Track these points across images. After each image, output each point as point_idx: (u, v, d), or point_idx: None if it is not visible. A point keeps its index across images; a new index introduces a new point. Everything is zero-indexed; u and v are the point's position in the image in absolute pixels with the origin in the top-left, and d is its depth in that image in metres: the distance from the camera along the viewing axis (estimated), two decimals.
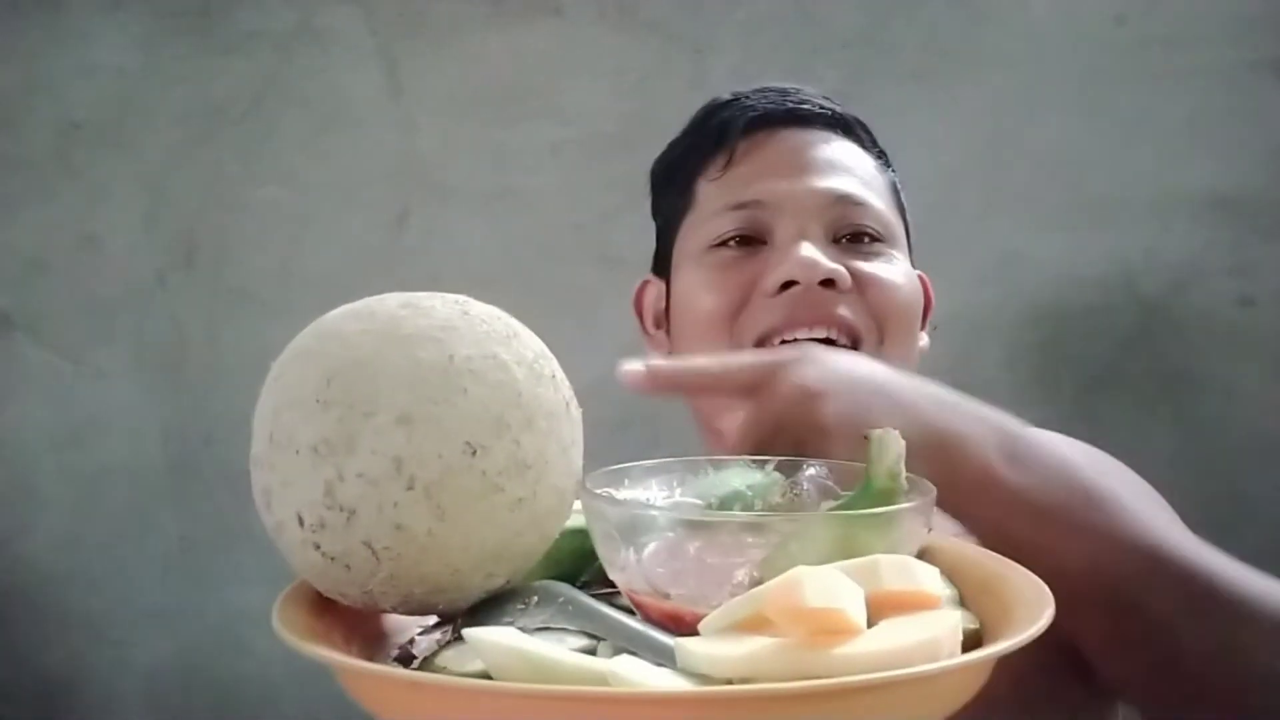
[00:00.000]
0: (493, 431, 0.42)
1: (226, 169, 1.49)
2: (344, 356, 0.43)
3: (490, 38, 1.47)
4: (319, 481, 0.42)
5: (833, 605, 0.35)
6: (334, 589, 0.45)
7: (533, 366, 0.45)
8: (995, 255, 1.39)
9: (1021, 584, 0.44)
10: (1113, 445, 0.76)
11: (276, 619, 0.43)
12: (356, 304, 0.47)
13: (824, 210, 0.74)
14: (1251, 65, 1.38)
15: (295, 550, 0.44)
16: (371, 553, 0.42)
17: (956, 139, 1.39)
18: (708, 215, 0.77)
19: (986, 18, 1.41)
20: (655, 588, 0.42)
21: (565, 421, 0.46)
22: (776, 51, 1.42)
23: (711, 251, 0.76)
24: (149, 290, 1.50)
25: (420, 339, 0.43)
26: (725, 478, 0.50)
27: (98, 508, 1.51)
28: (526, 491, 0.43)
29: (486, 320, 0.45)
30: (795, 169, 0.76)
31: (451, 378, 0.42)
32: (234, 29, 1.48)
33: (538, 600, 0.44)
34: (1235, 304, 1.40)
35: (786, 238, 0.74)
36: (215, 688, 1.50)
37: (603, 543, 0.45)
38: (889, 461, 0.46)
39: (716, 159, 0.79)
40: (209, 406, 1.49)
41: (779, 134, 0.78)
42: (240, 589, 1.48)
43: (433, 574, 0.43)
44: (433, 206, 1.48)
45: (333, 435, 0.42)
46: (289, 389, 0.44)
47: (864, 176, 0.78)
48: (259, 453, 0.44)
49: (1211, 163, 1.39)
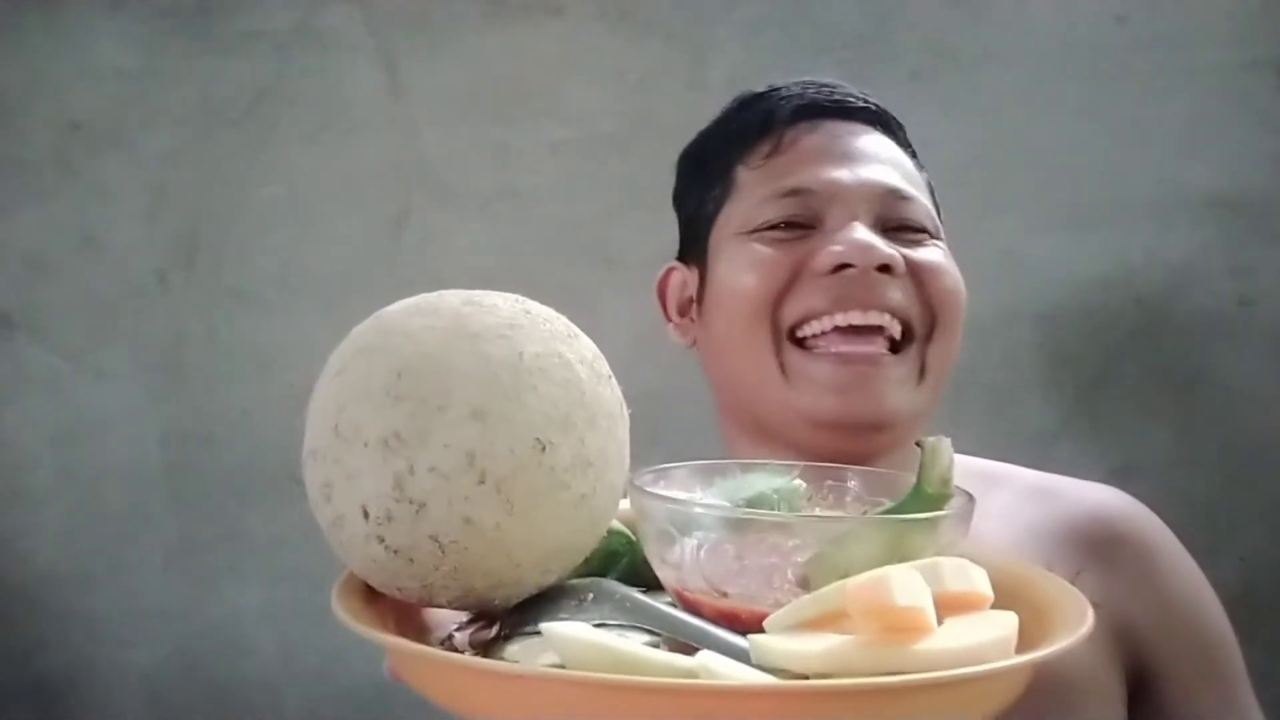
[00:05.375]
0: (561, 429, 0.43)
1: (226, 169, 1.49)
2: (413, 351, 0.43)
3: (490, 38, 1.47)
4: (388, 474, 0.42)
5: (917, 604, 0.37)
6: (391, 583, 0.44)
7: (593, 366, 0.46)
8: (995, 255, 1.39)
9: (1052, 590, 0.45)
10: (1113, 445, 0.76)
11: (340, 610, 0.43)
12: (415, 300, 0.47)
13: (874, 200, 0.74)
14: (1251, 65, 1.38)
15: (355, 544, 0.44)
16: (438, 546, 0.42)
17: (956, 139, 1.38)
18: (753, 202, 0.76)
19: (986, 18, 1.41)
20: (713, 585, 0.43)
21: (620, 421, 0.47)
22: (776, 51, 1.42)
23: (758, 235, 0.75)
24: (149, 290, 1.50)
25: (489, 336, 0.44)
26: (751, 480, 0.51)
27: (97, 508, 1.51)
28: (589, 489, 0.44)
29: (548, 319, 0.46)
30: (844, 159, 0.75)
31: (522, 375, 0.43)
32: (234, 29, 1.48)
33: (593, 597, 0.44)
34: (1235, 304, 1.40)
35: (838, 223, 0.73)
36: (215, 688, 1.50)
37: (656, 540, 0.45)
38: (941, 468, 0.47)
39: (760, 147, 0.78)
40: (209, 406, 1.49)
41: (823, 124, 0.78)
42: (240, 589, 1.48)
43: (495, 569, 0.43)
44: (433, 206, 1.48)
45: (404, 429, 0.42)
46: (355, 383, 0.44)
47: (907, 172, 0.78)
48: (320, 445, 0.44)
49: (1211, 163, 1.39)
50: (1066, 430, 1.39)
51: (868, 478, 0.52)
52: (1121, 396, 1.41)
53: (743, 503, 0.50)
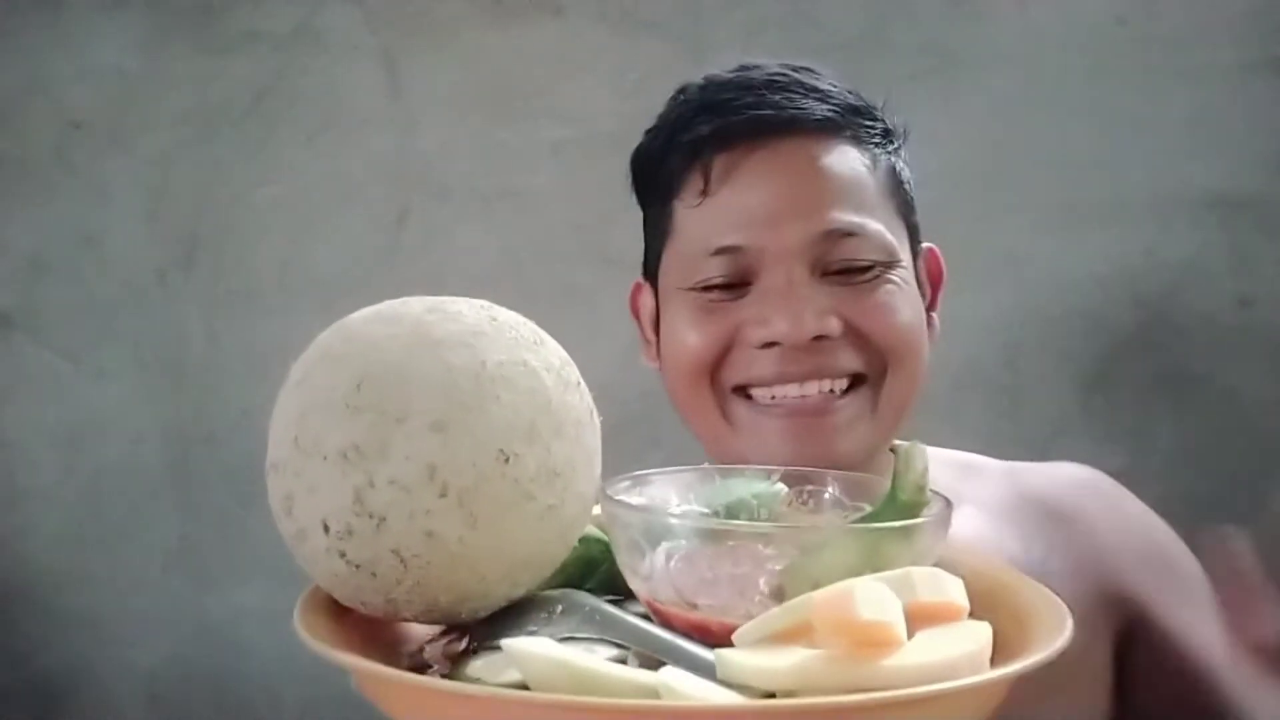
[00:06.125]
0: (525, 439, 0.42)
1: (226, 169, 1.49)
2: (374, 360, 0.42)
3: (490, 38, 1.46)
4: (348, 488, 0.41)
5: (883, 619, 0.36)
6: (355, 597, 0.44)
7: (560, 373, 0.45)
8: (995, 255, 1.39)
9: (1032, 596, 0.44)
10: (1113, 445, 0.76)
11: (301, 626, 0.42)
12: (379, 306, 0.45)
13: (809, 250, 0.70)
14: (1251, 65, 1.38)
15: (318, 558, 0.43)
16: (400, 560, 0.41)
17: (956, 139, 1.38)
18: (688, 253, 0.73)
19: (986, 18, 1.41)
20: (683, 597, 0.42)
21: (589, 429, 0.45)
22: (776, 52, 1.40)
23: (694, 293, 0.72)
24: (149, 290, 1.50)
25: (451, 344, 0.42)
26: (731, 486, 0.50)
27: (98, 508, 1.50)
28: (556, 499, 0.43)
29: (514, 326, 0.45)
30: (776, 205, 0.70)
31: (484, 384, 0.42)
32: (234, 29, 1.48)
33: (562, 610, 0.43)
34: (1235, 304, 1.39)
35: (771, 284, 0.70)
36: (215, 688, 1.50)
37: (626, 550, 0.44)
38: (916, 475, 0.46)
39: (691, 180, 0.73)
40: (209, 406, 1.49)
41: (757, 151, 0.72)
42: (240, 589, 1.48)
43: (460, 582, 0.42)
44: (433, 206, 1.48)
45: (364, 441, 0.41)
46: (315, 393, 0.43)
47: (855, 191, 0.72)
48: (281, 458, 0.43)
49: (1211, 163, 1.38)
50: (1066, 430, 1.38)
51: (847, 482, 0.51)
52: (1121, 396, 1.41)
53: (722, 509, 0.49)
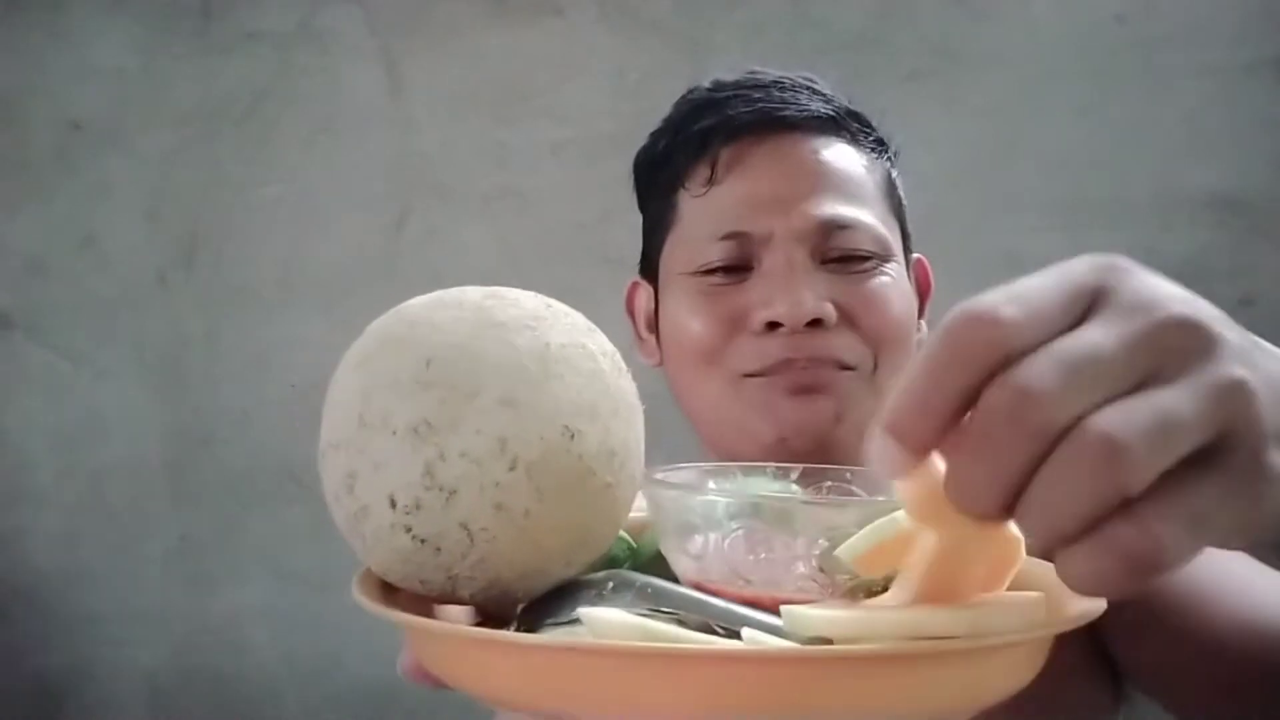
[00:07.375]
0: (587, 417, 0.43)
1: (226, 169, 1.49)
2: (440, 341, 0.44)
3: (490, 38, 1.47)
4: (418, 462, 0.42)
5: None
6: (415, 575, 0.44)
7: (613, 359, 0.47)
8: (995, 255, 1.40)
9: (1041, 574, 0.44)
10: None
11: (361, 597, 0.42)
12: (435, 294, 0.47)
13: (810, 236, 0.73)
14: (1251, 65, 1.38)
15: (380, 535, 0.43)
16: (467, 534, 0.42)
17: (957, 139, 1.39)
18: (692, 239, 0.76)
19: (987, 17, 1.42)
20: (738, 574, 0.43)
21: (639, 414, 0.47)
22: (776, 51, 1.42)
23: (697, 278, 0.75)
24: (149, 290, 1.50)
25: (515, 327, 0.44)
26: (751, 483, 0.51)
27: (98, 507, 1.51)
28: (613, 478, 0.44)
29: (568, 314, 0.47)
30: (780, 192, 0.74)
31: (549, 364, 0.43)
32: (234, 29, 1.48)
33: (613, 586, 0.44)
34: (1235, 304, 1.39)
35: (772, 268, 0.73)
36: (215, 687, 1.50)
37: (676, 533, 0.45)
38: None
39: (698, 170, 0.77)
40: (209, 406, 1.50)
41: (763, 144, 0.76)
42: (240, 589, 1.48)
43: (523, 558, 0.43)
44: (433, 206, 1.48)
45: (434, 416, 0.42)
46: (381, 373, 0.44)
47: (854, 186, 0.76)
48: (343, 437, 0.44)
49: (1211, 163, 1.39)
50: None
51: (867, 477, 0.52)
52: None
53: None
